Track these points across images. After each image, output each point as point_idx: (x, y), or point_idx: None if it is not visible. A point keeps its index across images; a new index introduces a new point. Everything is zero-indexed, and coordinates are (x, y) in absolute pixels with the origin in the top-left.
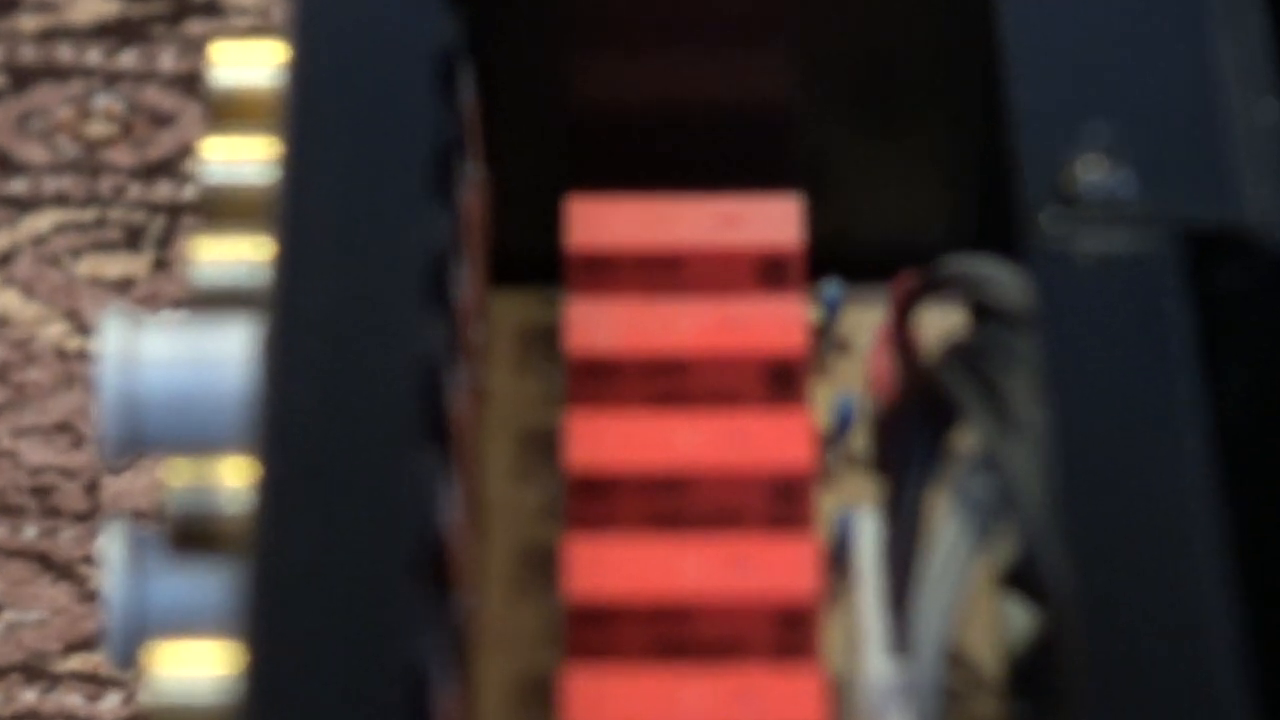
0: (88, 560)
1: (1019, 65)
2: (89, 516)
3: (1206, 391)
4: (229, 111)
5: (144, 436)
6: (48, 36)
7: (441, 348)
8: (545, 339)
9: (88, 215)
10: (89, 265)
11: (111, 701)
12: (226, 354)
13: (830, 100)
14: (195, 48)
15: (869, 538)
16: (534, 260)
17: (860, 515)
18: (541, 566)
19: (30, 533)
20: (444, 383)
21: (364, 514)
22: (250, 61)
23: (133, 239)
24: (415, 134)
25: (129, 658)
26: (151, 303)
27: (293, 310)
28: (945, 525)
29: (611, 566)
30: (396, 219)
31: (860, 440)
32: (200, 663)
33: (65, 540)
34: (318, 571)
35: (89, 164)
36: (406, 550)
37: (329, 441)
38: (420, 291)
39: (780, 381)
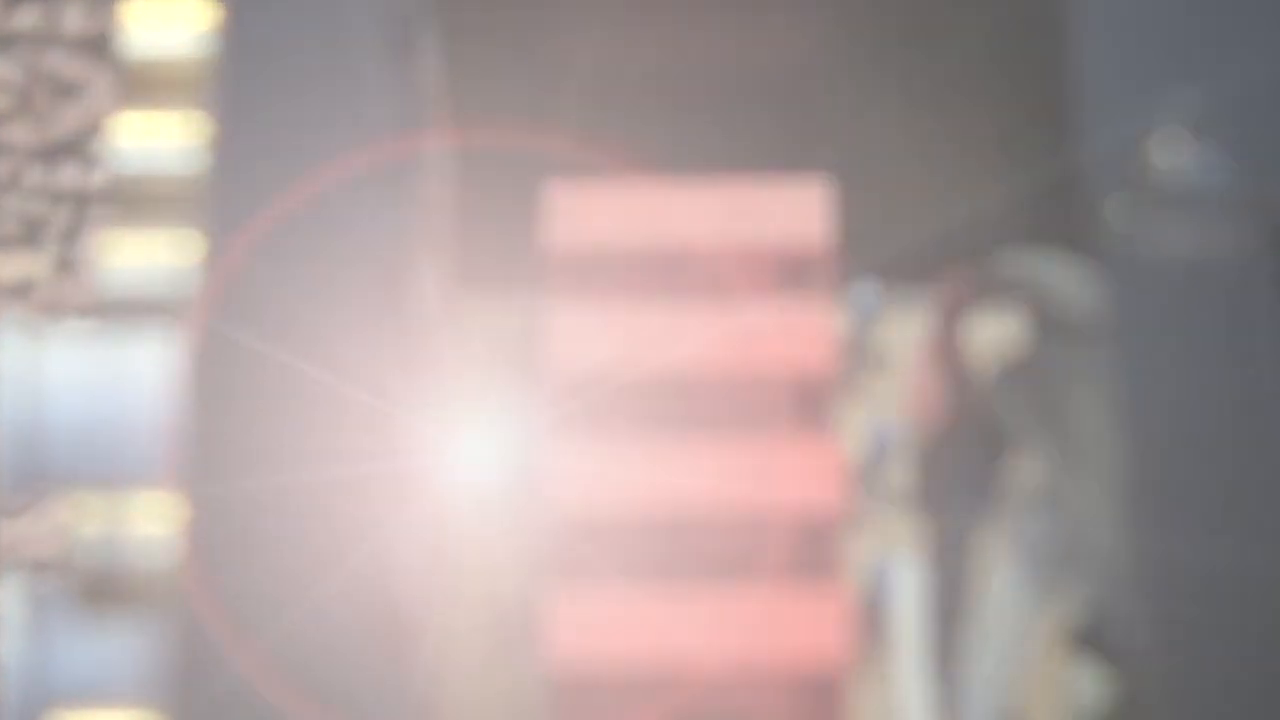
0: None
1: (1087, 23)
2: None
3: None
4: (145, 84)
5: (47, 471)
6: None
7: (398, 362)
8: (522, 351)
9: None
10: None
11: None
12: (144, 372)
13: (863, 66)
14: (105, 4)
15: (908, 589)
16: (508, 258)
17: (898, 563)
18: (518, 623)
19: None
20: (400, 404)
21: (305, 560)
22: (171, 25)
23: (32, 234)
24: (367, 112)
25: None
26: (55, 310)
27: (222, 321)
28: (1000, 574)
29: (600, 625)
30: (344, 212)
31: (898, 474)
32: None
33: None
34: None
35: None
36: (355, 605)
37: (265, 474)
38: (373, 296)
39: (803, 404)
